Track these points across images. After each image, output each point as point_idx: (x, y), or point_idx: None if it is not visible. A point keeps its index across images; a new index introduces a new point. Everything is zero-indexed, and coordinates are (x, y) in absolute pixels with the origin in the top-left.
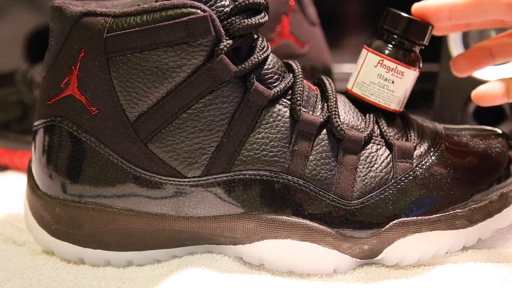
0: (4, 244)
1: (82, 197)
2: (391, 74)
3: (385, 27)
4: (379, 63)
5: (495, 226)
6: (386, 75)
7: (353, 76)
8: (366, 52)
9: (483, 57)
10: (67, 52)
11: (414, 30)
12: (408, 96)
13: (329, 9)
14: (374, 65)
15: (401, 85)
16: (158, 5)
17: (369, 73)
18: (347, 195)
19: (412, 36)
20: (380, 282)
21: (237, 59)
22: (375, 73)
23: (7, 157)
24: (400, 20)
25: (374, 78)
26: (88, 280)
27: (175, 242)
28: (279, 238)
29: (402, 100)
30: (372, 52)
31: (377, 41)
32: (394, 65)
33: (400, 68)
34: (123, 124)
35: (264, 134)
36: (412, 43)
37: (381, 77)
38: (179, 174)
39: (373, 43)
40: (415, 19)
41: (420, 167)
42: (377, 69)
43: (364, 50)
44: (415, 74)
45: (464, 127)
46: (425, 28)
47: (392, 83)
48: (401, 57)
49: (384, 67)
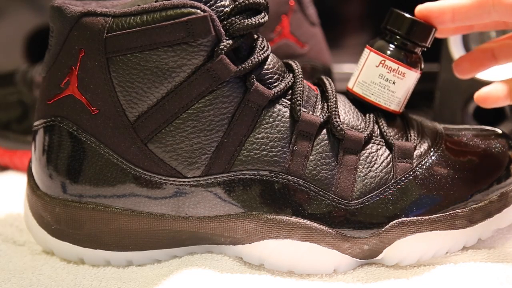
0: (4, 244)
1: (82, 197)
2: (393, 75)
3: (388, 27)
4: (381, 63)
5: (495, 226)
6: (387, 75)
7: (354, 75)
8: (369, 51)
9: (485, 59)
10: (67, 52)
11: (417, 31)
12: (409, 97)
13: (329, 9)
14: (375, 65)
15: (402, 86)
16: (158, 5)
17: (370, 73)
18: (347, 195)
19: (414, 37)
20: (380, 282)
21: (237, 59)
22: (376, 73)
23: (7, 157)
24: (403, 21)
25: (375, 78)
26: (88, 280)
27: (175, 242)
28: (279, 238)
29: (403, 101)
30: (375, 52)
31: (379, 41)
32: (396, 65)
33: (401, 69)
34: (123, 124)
35: (264, 134)
36: (414, 44)
37: (383, 77)
38: (179, 174)
39: (376, 43)
40: (419, 21)
41: (420, 167)
42: (379, 69)
43: (366, 50)
44: (417, 75)
45: (464, 127)
46: (428, 30)
47: (393, 83)
48: (403, 58)
49: (386, 68)
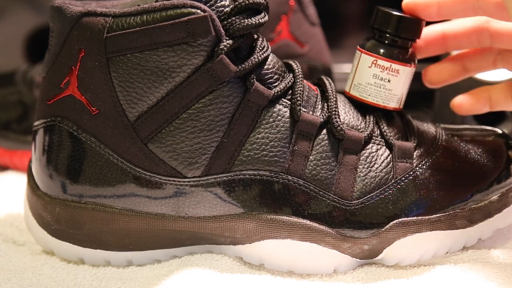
0: (4, 244)
1: (82, 197)
2: (386, 73)
3: (376, 26)
4: (373, 63)
5: (495, 226)
6: (381, 74)
7: (349, 79)
8: (360, 53)
9: (454, 70)
10: (67, 52)
11: (405, 27)
12: (407, 92)
13: (329, 9)
14: (368, 66)
15: (398, 83)
16: (158, 5)
17: (364, 74)
18: (347, 195)
19: (404, 33)
20: (380, 282)
21: (237, 59)
22: (370, 74)
23: (7, 157)
24: (390, 19)
25: (369, 79)
26: (88, 280)
27: (175, 242)
28: (279, 238)
29: (401, 97)
30: (366, 53)
31: (370, 41)
32: (388, 63)
33: (394, 66)
34: (123, 124)
35: (264, 134)
36: (404, 40)
37: (377, 77)
38: (179, 174)
39: (366, 44)
40: (406, 16)
41: (420, 167)
42: (372, 69)
43: (357, 52)
44: (411, 70)
45: (464, 127)
46: (416, 23)
47: (388, 82)
48: (395, 55)
49: (379, 67)
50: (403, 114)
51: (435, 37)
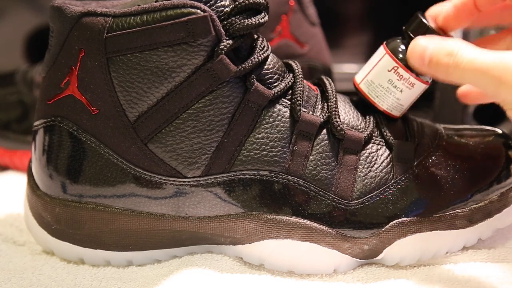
0: (4, 244)
1: (82, 197)
2: (402, 83)
3: (409, 32)
4: (394, 69)
5: (495, 226)
6: (396, 82)
7: (364, 71)
8: (384, 53)
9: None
10: (67, 52)
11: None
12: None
13: (329, 9)
14: (388, 69)
15: (409, 96)
16: (158, 5)
17: (381, 75)
18: (347, 195)
19: None
20: (380, 282)
21: (237, 59)
22: (386, 77)
23: (7, 157)
24: (425, 31)
25: (384, 82)
26: (88, 280)
27: (175, 242)
28: (279, 238)
29: (405, 109)
30: (390, 56)
31: (397, 42)
32: (408, 75)
33: (412, 80)
34: (123, 124)
35: (264, 134)
36: None
37: (392, 83)
38: (179, 174)
39: (393, 44)
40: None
41: (420, 167)
42: (390, 74)
43: (382, 49)
44: (425, 87)
45: (464, 127)
46: None
47: (400, 92)
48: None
49: (397, 75)
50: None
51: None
